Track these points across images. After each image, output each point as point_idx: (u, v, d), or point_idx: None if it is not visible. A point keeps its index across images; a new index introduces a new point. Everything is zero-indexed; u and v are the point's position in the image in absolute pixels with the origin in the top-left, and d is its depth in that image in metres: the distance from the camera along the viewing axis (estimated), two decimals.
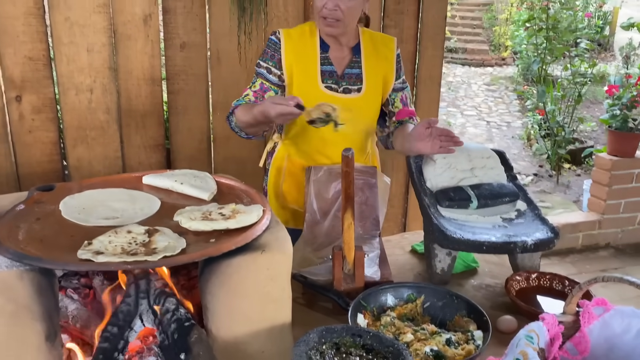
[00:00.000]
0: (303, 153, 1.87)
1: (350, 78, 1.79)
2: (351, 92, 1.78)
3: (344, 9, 1.66)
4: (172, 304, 1.14)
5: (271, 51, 1.77)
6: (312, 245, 1.67)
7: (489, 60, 11.07)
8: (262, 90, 1.78)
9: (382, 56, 1.83)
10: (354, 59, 1.80)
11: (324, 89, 1.76)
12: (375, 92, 1.82)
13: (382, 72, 1.83)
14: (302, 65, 1.76)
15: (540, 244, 1.48)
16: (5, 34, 2.18)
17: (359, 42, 1.82)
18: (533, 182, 5.96)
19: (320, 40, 1.78)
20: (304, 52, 1.76)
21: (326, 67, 1.77)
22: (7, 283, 1.01)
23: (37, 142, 2.33)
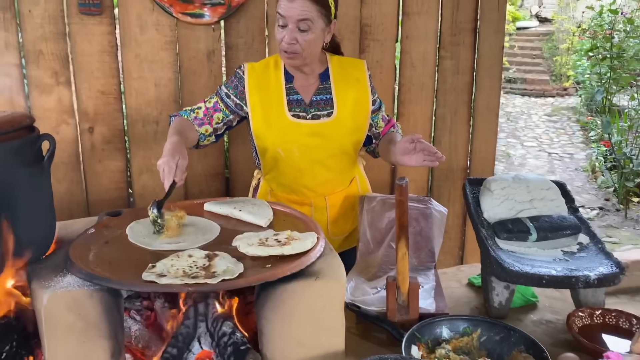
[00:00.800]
0: (283, 186, 1.88)
1: (319, 104, 1.80)
2: (320, 117, 1.79)
3: (301, 42, 1.68)
4: (229, 328, 1.17)
5: (236, 80, 1.81)
6: (366, 275, 1.67)
7: (550, 90, 10.80)
8: (214, 109, 1.81)
9: (352, 78, 1.84)
10: (322, 86, 1.82)
11: (291, 118, 1.77)
12: (348, 115, 1.80)
13: (354, 93, 1.82)
14: (266, 96, 1.78)
15: (604, 279, 1.42)
16: (81, 70, 2.35)
17: (327, 68, 1.84)
18: (598, 216, 5.70)
19: (285, 71, 1.81)
20: (267, 84, 1.79)
21: (292, 97, 1.79)
22: (78, 301, 1.07)
23: (106, 170, 2.47)
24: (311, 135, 1.78)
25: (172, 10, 2.34)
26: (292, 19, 1.66)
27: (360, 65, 1.88)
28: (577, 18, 10.83)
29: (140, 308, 1.36)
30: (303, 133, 1.77)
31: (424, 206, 1.75)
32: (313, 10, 1.66)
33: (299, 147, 1.78)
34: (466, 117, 2.75)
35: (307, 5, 1.65)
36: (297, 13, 1.65)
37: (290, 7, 1.65)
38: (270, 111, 1.78)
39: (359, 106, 1.82)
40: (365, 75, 1.86)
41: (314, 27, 1.68)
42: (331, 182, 1.88)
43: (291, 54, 1.70)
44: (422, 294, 1.49)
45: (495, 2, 2.65)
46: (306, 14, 1.66)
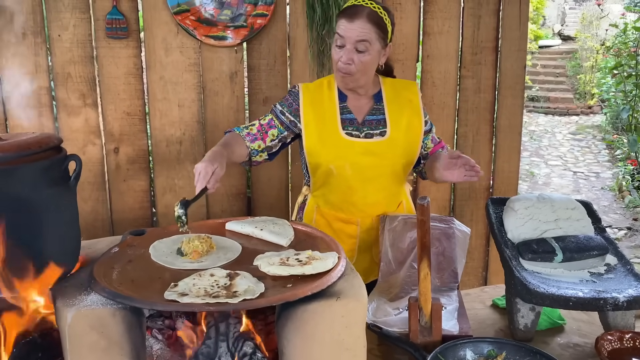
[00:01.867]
0: (332, 204, 1.88)
1: (372, 124, 1.82)
2: (373, 136, 1.81)
3: (357, 63, 1.71)
4: (249, 348, 1.17)
5: (290, 99, 1.85)
6: (388, 296, 1.65)
7: (574, 108, 10.68)
8: (268, 125, 1.84)
9: (405, 100, 1.86)
10: (375, 106, 1.84)
11: (344, 135, 1.79)
12: (401, 135, 1.82)
13: (407, 115, 1.84)
14: (320, 114, 1.81)
15: (633, 302, 1.38)
16: (108, 92, 2.41)
17: (380, 89, 1.86)
18: (627, 237, 5.56)
19: (339, 91, 1.83)
20: (321, 102, 1.82)
21: (346, 116, 1.81)
22: (101, 320, 1.08)
23: (130, 190, 2.51)
24: (364, 154, 1.79)
25: (195, 33, 2.39)
26: (350, 40, 1.69)
27: (412, 87, 1.91)
28: (601, 36, 10.73)
29: (162, 327, 1.36)
30: (356, 151, 1.79)
31: (447, 226, 1.73)
32: (372, 31, 1.70)
33: (352, 164, 1.79)
34: (488, 135, 2.73)
35: (366, 26, 1.69)
36: (356, 34, 1.69)
37: (350, 28, 1.69)
38: (324, 128, 1.80)
39: (411, 127, 1.84)
40: (418, 96, 1.89)
41: (371, 48, 1.71)
42: (380, 203, 1.88)
43: (346, 74, 1.73)
44: (445, 315, 1.46)
45: (516, 20, 2.65)
46: (365, 35, 1.69)
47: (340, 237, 1.79)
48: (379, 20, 1.72)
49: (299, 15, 2.49)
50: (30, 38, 2.32)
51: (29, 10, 2.30)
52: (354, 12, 1.70)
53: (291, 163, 2.64)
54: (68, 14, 2.33)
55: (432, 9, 2.58)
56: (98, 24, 2.35)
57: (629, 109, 5.70)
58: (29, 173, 1.16)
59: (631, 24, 6.26)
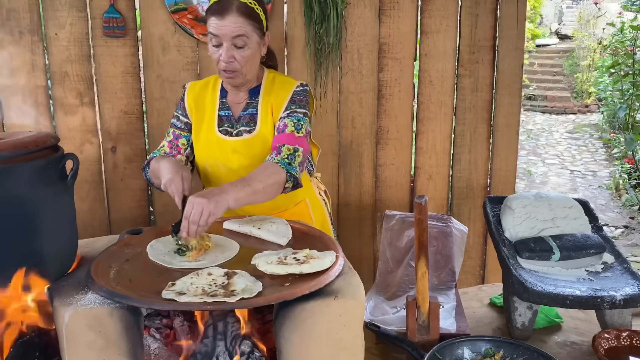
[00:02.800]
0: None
1: (245, 119, 1.77)
2: (243, 134, 1.75)
3: (239, 59, 1.64)
4: (247, 347, 1.17)
5: (180, 101, 1.83)
6: (385, 294, 1.66)
7: (571, 107, 10.69)
8: (175, 138, 1.81)
9: (274, 94, 1.76)
10: (249, 101, 1.78)
11: (218, 134, 1.75)
12: (270, 130, 1.75)
13: (271, 107, 1.75)
14: (200, 112, 1.78)
15: (630, 300, 1.38)
16: (105, 90, 2.41)
17: (260, 84, 1.79)
18: (623, 235, 5.57)
19: (221, 87, 1.80)
20: (203, 100, 1.79)
21: (224, 112, 1.77)
22: (99, 319, 1.08)
23: (127, 189, 2.51)
24: (234, 152, 1.74)
25: (193, 31, 2.38)
26: (226, 37, 1.62)
27: (290, 83, 1.79)
28: (598, 35, 10.75)
29: (159, 326, 1.36)
30: (227, 149, 1.74)
31: (444, 224, 1.73)
32: (245, 24, 1.63)
33: (224, 163, 1.75)
34: (486, 134, 2.74)
35: (239, 20, 1.62)
36: (230, 30, 1.62)
37: (223, 25, 1.61)
38: (202, 126, 1.77)
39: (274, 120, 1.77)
40: (289, 92, 1.76)
41: (249, 42, 1.65)
42: (263, 205, 1.70)
43: (231, 73, 1.67)
44: (442, 313, 1.47)
45: (514, 19, 2.65)
46: (240, 30, 1.62)
47: None
48: (250, 11, 1.64)
49: (297, 13, 2.49)
50: (27, 37, 2.31)
51: (25, 8, 2.29)
52: (224, 9, 1.62)
53: None
54: (65, 13, 2.32)
55: (429, 8, 2.58)
56: (95, 23, 2.34)
57: (626, 108, 5.71)
58: (26, 172, 1.15)
59: (628, 22, 6.27)
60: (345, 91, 2.57)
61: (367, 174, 2.65)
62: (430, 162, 2.71)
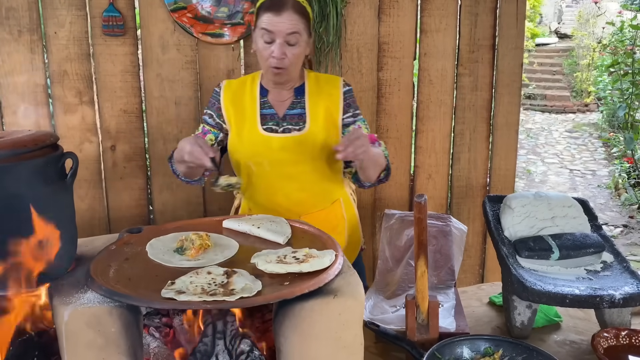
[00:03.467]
0: (260, 205, 1.83)
1: (292, 118, 1.77)
2: (291, 131, 1.76)
3: (290, 57, 1.67)
4: (247, 346, 1.17)
5: (213, 100, 1.84)
6: (385, 293, 1.66)
7: (571, 106, 10.70)
8: (203, 133, 1.82)
9: (325, 94, 1.80)
10: (295, 100, 1.79)
11: (262, 131, 1.75)
12: (320, 129, 1.76)
13: (324, 108, 1.78)
14: (240, 111, 1.78)
15: (629, 299, 1.38)
16: (104, 89, 2.41)
17: (304, 83, 1.81)
18: (623, 234, 5.58)
19: (260, 86, 1.81)
20: (242, 98, 1.79)
21: (266, 111, 1.78)
22: (98, 318, 1.08)
23: (127, 188, 2.51)
24: (281, 149, 1.74)
25: (192, 30, 2.38)
26: (280, 34, 1.64)
27: (336, 81, 1.84)
28: (597, 34, 10.75)
29: (159, 325, 1.36)
30: (273, 147, 1.74)
31: (444, 224, 1.73)
32: (300, 23, 1.65)
33: (270, 161, 1.75)
34: (485, 133, 2.74)
35: (294, 18, 1.64)
36: (286, 27, 1.63)
37: (279, 22, 1.63)
38: (244, 124, 1.77)
39: (329, 121, 1.79)
40: (339, 91, 1.81)
41: (301, 39, 1.67)
42: (306, 202, 1.81)
43: (281, 69, 1.68)
44: (442, 312, 1.47)
45: (513, 18, 2.65)
46: (295, 27, 1.64)
47: None
48: (303, 9, 1.67)
49: None
50: (26, 35, 2.31)
51: (24, 7, 2.29)
52: (280, 5, 1.64)
53: None
54: (64, 11, 2.32)
55: (429, 7, 2.58)
56: (94, 22, 2.34)
57: (626, 107, 5.71)
58: (25, 171, 1.15)
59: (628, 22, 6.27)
60: None
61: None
62: (430, 161, 2.71)
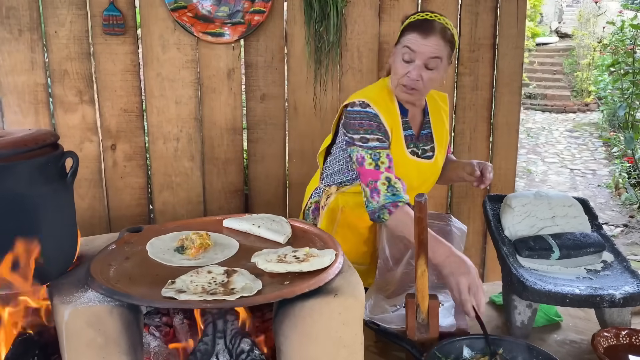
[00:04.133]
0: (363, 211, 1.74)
1: (423, 139, 1.80)
2: (426, 153, 1.79)
3: (425, 80, 1.65)
4: (247, 345, 1.17)
5: (374, 122, 1.67)
6: (385, 292, 1.65)
7: (571, 106, 10.70)
8: (389, 160, 1.65)
9: (440, 115, 1.85)
10: (425, 120, 1.81)
11: (408, 154, 1.74)
12: (441, 155, 1.83)
13: (444, 132, 1.84)
14: (393, 132, 1.71)
15: (629, 299, 1.38)
16: (105, 89, 2.41)
17: (426, 102, 1.82)
18: (623, 234, 5.58)
19: (399, 104, 1.75)
20: (391, 119, 1.72)
21: (407, 132, 1.75)
22: (98, 317, 1.08)
23: (127, 187, 2.51)
24: (420, 174, 1.77)
25: (193, 29, 2.38)
26: (422, 56, 1.62)
27: (445, 99, 1.90)
28: (598, 33, 10.75)
29: (159, 324, 1.36)
30: (415, 171, 1.76)
31: (444, 223, 1.73)
32: (444, 49, 1.64)
33: (412, 185, 1.72)
34: (486, 133, 2.74)
35: (440, 43, 1.63)
36: (430, 50, 1.62)
37: (424, 44, 1.61)
38: (394, 147, 1.71)
39: (445, 142, 1.85)
40: (448, 110, 1.89)
41: (440, 66, 1.66)
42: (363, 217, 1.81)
43: (413, 90, 1.67)
44: (442, 312, 1.47)
45: (514, 18, 2.65)
46: (438, 52, 1.63)
47: (360, 240, 1.81)
48: (450, 37, 1.66)
49: (297, 12, 2.49)
50: (26, 34, 2.31)
51: (25, 6, 2.29)
52: (429, 28, 1.62)
53: (288, 160, 2.64)
54: (65, 11, 2.32)
55: (429, 6, 2.58)
56: (95, 21, 2.34)
57: (626, 107, 5.71)
58: (25, 170, 1.15)
59: (628, 21, 6.27)
60: (345, 89, 2.57)
61: None
62: None
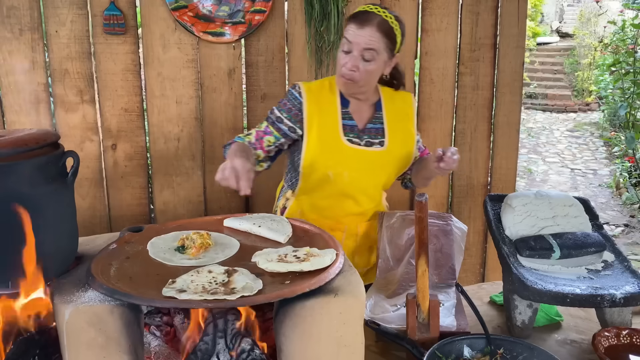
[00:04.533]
0: (319, 209, 1.84)
1: (371, 132, 1.80)
2: (373, 145, 1.79)
3: (362, 71, 1.68)
4: (247, 344, 1.17)
5: (289, 104, 1.78)
6: (385, 292, 1.65)
7: (572, 105, 10.69)
8: (264, 132, 1.78)
9: (402, 113, 1.85)
10: (376, 115, 1.82)
11: (346, 142, 1.76)
12: (398, 148, 1.82)
13: (405, 128, 1.84)
14: (323, 118, 1.76)
15: (630, 298, 1.38)
16: (105, 88, 2.41)
17: (380, 98, 1.84)
18: (624, 234, 5.58)
19: (341, 96, 1.79)
20: (324, 105, 1.77)
21: (347, 122, 1.78)
22: (99, 316, 1.09)
23: (128, 186, 2.51)
24: (363, 162, 1.77)
25: (193, 29, 2.38)
26: (358, 47, 1.66)
27: (408, 98, 1.90)
28: (599, 33, 10.74)
29: (160, 324, 1.36)
30: (356, 159, 1.77)
31: (444, 223, 1.73)
32: (380, 41, 1.67)
33: (350, 172, 1.77)
34: (486, 133, 2.74)
35: (375, 35, 1.65)
36: (364, 41, 1.65)
37: (359, 35, 1.66)
38: (326, 133, 1.76)
39: (406, 139, 1.84)
40: (413, 109, 1.90)
41: (377, 57, 1.69)
42: (369, 212, 1.87)
43: (349, 80, 1.71)
44: (442, 311, 1.47)
45: (514, 17, 2.65)
46: (373, 44, 1.66)
47: None
48: (389, 30, 1.68)
49: (297, 11, 2.49)
50: (27, 34, 2.31)
51: (26, 6, 2.29)
52: (365, 19, 1.66)
53: None
54: (65, 10, 2.32)
55: (430, 6, 2.57)
56: (95, 20, 2.34)
57: (627, 106, 5.70)
58: (26, 169, 1.15)
59: (629, 21, 6.26)
60: None
61: None
62: None
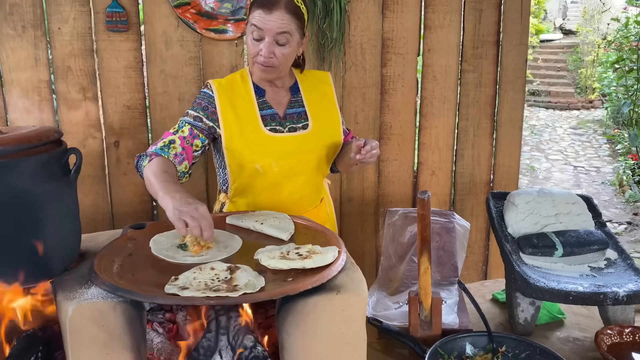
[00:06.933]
0: (256, 206, 1.75)
1: (293, 117, 1.75)
2: (297, 129, 1.74)
3: (279, 56, 1.64)
4: (250, 342, 1.17)
5: (204, 102, 1.71)
6: (388, 290, 1.66)
7: (575, 103, 10.66)
8: (191, 136, 1.68)
9: (321, 93, 1.81)
10: (294, 99, 1.78)
11: (268, 132, 1.70)
12: (324, 128, 1.77)
13: (325, 106, 1.80)
14: (239, 112, 1.70)
15: (633, 296, 1.38)
16: (108, 85, 2.41)
17: (296, 81, 1.80)
18: (627, 231, 5.56)
19: (255, 86, 1.74)
20: (238, 99, 1.72)
21: (266, 111, 1.73)
22: (102, 313, 1.09)
23: (130, 184, 2.51)
24: (290, 149, 1.72)
25: (196, 26, 2.38)
26: (270, 32, 1.61)
27: (326, 77, 1.86)
28: (602, 30, 10.71)
29: (162, 320, 1.37)
30: (281, 147, 1.71)
31: (447, 220, 1.73)
32: (291, 23, 1.62)
33: (278, 161, 1.71)
34: (489, 130, 2.73)
35: (285, 17, 1.61)
36: (276, 26, 1.60)
37: (269, 20, 1.60)
38: (246, 127, 1.70)
39: (330, 118, 1.80)
40: (332, 88, 1.85)
41: (291, 40, 1.64)
42: (305, 199, 1.81)
43: (268, 67, 1.66)
44: (445, 309, 1.47)
45: (518, 14, 2.64)
46: (285, 27, 1.61)
47: None
48: (296, 9, 1.63)
49: None
50: (30, 31, 2.31)
51: (28, 2, 2.29)
52: (272, 3, 1.60)
53: None
54: (68, 7, 2.32)
55: (433, 3, 2.57)
56: (98, 17, 2.34)
57: (630, 104, 5.69)
58: (29, 166, 1.16)
59: (633, 18, 6.24)
60: (349, 86, 2.57)
61: (369, 170, 2.65)
62: (433, 158, 2.71)
